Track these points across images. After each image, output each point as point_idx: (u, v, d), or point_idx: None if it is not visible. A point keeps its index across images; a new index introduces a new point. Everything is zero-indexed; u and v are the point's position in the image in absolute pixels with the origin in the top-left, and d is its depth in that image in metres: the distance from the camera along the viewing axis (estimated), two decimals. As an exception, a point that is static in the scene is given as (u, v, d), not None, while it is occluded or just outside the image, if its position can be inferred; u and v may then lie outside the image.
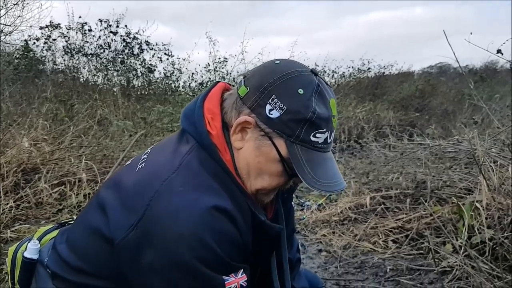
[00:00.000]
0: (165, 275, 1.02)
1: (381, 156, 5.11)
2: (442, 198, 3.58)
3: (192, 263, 0.99)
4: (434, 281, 2.72)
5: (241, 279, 1.05)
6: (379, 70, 12.15)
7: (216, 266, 1.02)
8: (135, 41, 9.47)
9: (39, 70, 8.65)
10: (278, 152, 1.10)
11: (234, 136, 1.14)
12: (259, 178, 1.15)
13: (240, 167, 1.15)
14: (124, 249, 1.05)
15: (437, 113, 10.04)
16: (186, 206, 1.02)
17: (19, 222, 3.93)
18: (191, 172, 1.10)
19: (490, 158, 3.34)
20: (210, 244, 1.00)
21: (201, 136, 1.14)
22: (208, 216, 1.02)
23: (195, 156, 1.13)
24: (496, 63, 14.76)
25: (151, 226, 1.02)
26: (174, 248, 1.00)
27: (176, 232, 1.00)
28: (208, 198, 1.04)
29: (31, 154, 4.70)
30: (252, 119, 1.10)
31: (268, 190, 1.18)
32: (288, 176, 1.15)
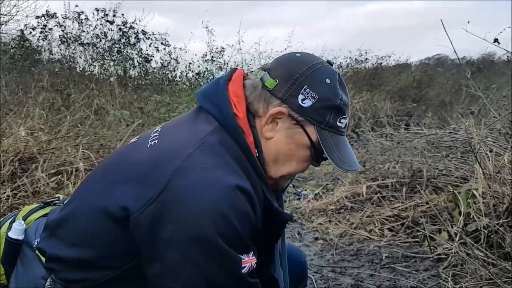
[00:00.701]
0: (184, 249, 1.02)
1: (377, 145, 5.13)
2: (438, 186, 3.60)
3: (214, 238, 1.00)
4: (430, 268, 2.75)
5: (253, 260, 1.08)
6: (377, 60, 12.13)
7: (235, 244, 1.03)
8: (131, 30, 9.42)
9: (36, 60, 8.61)
10: (310, 139, 1.18)
11: (265, 127, 1.19)
12: (287, 164, 1.23)
13: (267, 154, 1.21)
14: (142, 222, 1.04)
15: (434, 104, 10.04)
16: (210, 183, 1.04)
17: (16, 211, 3.93)
18: (215, 152, 1.11)
19: (486, 146, 3.35)
20: (232, 221, 1.02)
21: (226, 118, 1.16)
22: (232, 194, 1.04)
23: (218, 137, 1.14)
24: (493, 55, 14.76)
25: (173, 200, 1.03)
26: (197, 223, 1.01)
27: (200, 207, 1.01)
28: (231, 177, 1.06)
29: (28, 143, 4.68)
30: (285, 109, 1.17)
31: (291, 175, 1.27)
32: (313, 161, 1.24)
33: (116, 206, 1.08)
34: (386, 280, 2.66)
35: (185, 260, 1.02)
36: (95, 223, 1.13)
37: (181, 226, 1.02)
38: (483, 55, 14.19)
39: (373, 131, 5.93)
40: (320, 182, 4.76)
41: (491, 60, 14.68)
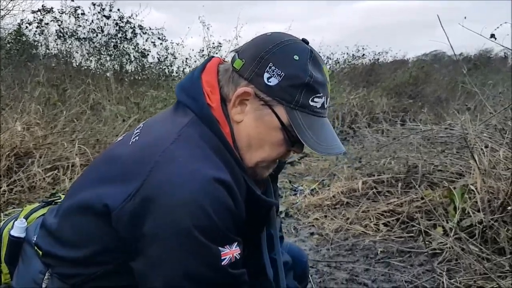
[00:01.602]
0: (163, 244, 1.02)
1: (373, 141, 5.14)
2: (433, 182, 3.61)
3: (191, 231, 1.00)
4: (424, 263, 2.76)
5: (235, 252, 1.06)
6: (374, 56, 12.15)
7: (214, 236, 1.02)
8: (128, 25, 9.40)
9: (32, 55, 8.57)
10: (279, 120, 1.12)
11: (233, 110, 1.15)
12: (260, 149, 1.17)
13: (240, 140, 1.16)
14: (123, 218, 1.05)
15: (430, 100, 10.07)
16: (187, 175, 1.03)
17: (13, 206, 3.92)
18: (191, 144, 1.10)
19: (482, 142, 3.37)
20: (210, 213, 1.01)
21: (201, 109, 1.14)
22: (209, 186, 1.02)
23: (194, 129, 1.13)
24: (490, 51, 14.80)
25: (151, 194, 1.02)
26: (174, 216, 1.00)
27: (177, 200, 1.00)
28: (208, 169, 1.05)
29: (24, 139, 4.68)
30: (250, 90, 1.12)
31: (268, 162, 1.20)
32: (289, 145, 1.16)
33: (99, 204, 1.08)
34: (381, 275, 2.67)
35: (164, 254, 1.03)
36: (85, 222, 1.14)
37: (159, 221, 1.02)
38: (480, 52, 14.22)
39: (370, 127, 5.94)
40: (316, 178, 4.77)
41: (487, 57, 14.72)
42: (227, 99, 1.16)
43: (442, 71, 12.38)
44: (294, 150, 1.20)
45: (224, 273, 1.05)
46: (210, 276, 1.04)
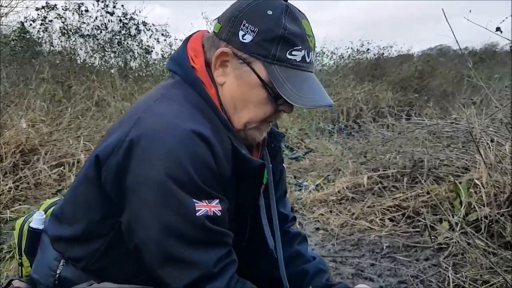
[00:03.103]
0: (141, 195, 1.06)
1: (378, 136, 5.12)
2: (439, 176, 3.60)
3: (165, 181, 1.02)
4: (430, 258, 2.75)
5: (215, 207, 1.07)
6: (379, 51, 12.08)
7: (188, 187, 1.04)
8: (132, 22, 9.40)
9: (36, 52, 8.59)
10: (258, 76, 1.13)
11: (216, 72, 1.17)
12: (245, 109, 1.17)
13: (225, 102, 1.18)
14: (109, 174, 1.09)
15: (436, 94, 10.02)
16: (165, 128, 1.06)
17: (19, 202, 3.94)
18: (173, 101, 1.14)
19: (488, 136, 3.34)
20: (184, 164, 1.03)
21: (186, 71, 1.18)
22: (186, 138, 1.05)
23: (178, 89, 1.17)
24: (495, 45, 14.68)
25: (131, 149, 1.06)
26: (150, 167, 1.04)
27: (154, 151, 1.04)
28: (187, 122, 1.07)
29: (29, 135, 4.69)
30: (228, 49, 1.14)
31: (257, 122, 1.20)
32: (273, 102, 1.16)
33: (92, 157, 1.14)
34: (386, 270, 2.66)
35: (142, 205, 1.06)
36: (81, 192, 1.20)
37: (138, 173, 1.05)
38: (485, 45, 14.12)
39: (375, 121, 5.92)
40: (321, 173, 4.76)
41: (493, 51, 14.61)
42: (211, 64, 1.18)
43: (448, 64, 12.31)
44: (283, 109, 1.19)
45: (200, 224, 1.05)
46: (186, 228, 1.05)
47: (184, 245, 1.05)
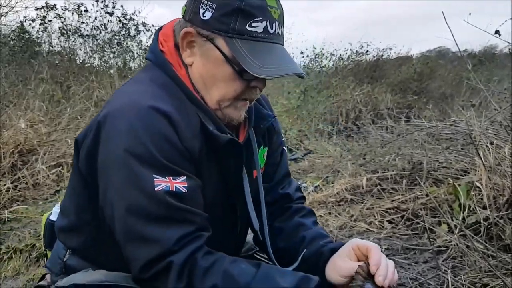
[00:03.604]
0: (107, 174, 1.09)
1: (378, 137, 5.11)
2: (438, 179, 3.59)
3: (125, 157, 1.04)
4: (429, 260, 2.75)
5: (179, 184, 1.07)
6: (378, 53, 12.06)
7: (148, 162, 1.05)
8: (131, 22, 9.38)
9: (35, 52, 8.57)
10: (221, 52, 1.12)
11: (184, 54, 1.19)
12: (214, 87, 1.17)
13: (196, 82, 1.19)
14: (82, 157, 1.15)
15: (434, 96, 10.01)
16: (126, 107, 1.09)
17: (17, 202, 3.94)
18: (139, 83, 1.18)
19: (487, 138, 3.34)
20: (143, 139, 1.04)
21: (156, 56, 1.21)
22: (145, 114, 1.06)
23: (146, 72, 1.21)
24: (495, 47, 14.68)
25: (98, 130, 1.10)
26: (113, 146, 1.06)
27: (116, 129, 1.07)
28: (148, 100, 1.09)
29: (28, 136, 4.69)
30: (191, 29, 1.15)
31: (229, 100, 1.18)
32: (241, 79, 1.14)
33: (74, 153, 1.21)
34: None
35: (109, 186, 1.09)
36: (70, 183, 1.26)
37: (104, 153, 1.09)
38: (484, 48, 14.13)
39: (374, 123, 5.92)
40: (320, 175, 4.75)
41: (492, 53, 14.61)
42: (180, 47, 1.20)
43: (447, 66, 12.30)
44: (255, 85, 1.18)
45: (159, 199, 1.04)
46: (146, 203, 1.04)
47: (145, 221, 1.05)
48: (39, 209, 3.84)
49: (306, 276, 1.10)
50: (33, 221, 3.59)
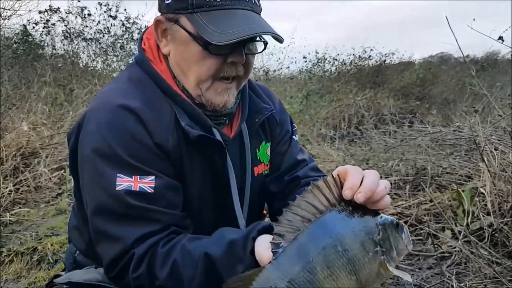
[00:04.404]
0: (81, 171, 1.13)
1: (381, 142, 5.10)
2: (442, 184, 3.57)
3: (92, 156, 1.07)
4: (433, 266, 2.73)
5: (145, 183, 1.06)
6: (380, 58, 12.06)
7: (112, 160, 1.06)
8: (134, 26, 9.41)
9: (38, 55, 8.59)
10: (186, 30, 1.11)
11: (161, 45, 1.19)
12: (190, 71, 1.15)
13: (175, 71, 1.18)
14: (68, 158, 1.23)
15: (437, 102, 9.99)
16: (97, 108, 1.12)
17: (19, 205, 3.93)
18: (116, 82, 1.22)
19: (491, 144, 3.33)
20: (108, 138, 1.06)
21: (138, 55, 1.23)
22: (112, 113, 1.08)
23: (126, 71, 1.24)
24: (497, 53, 14.68)
25: (79, 129, 1.14)
26: (84, 146, 1.11)
27: (86, 131, 1.11)
28: (117, 98, 1.11)
29: (30, 138, 4.69)
30: (160, 16, 1.16)
31: (207, 81, 1.15)
32: (211, 54, 1.11)
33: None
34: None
35: (83, 186, 1.13)
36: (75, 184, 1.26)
37: (79, 152, 1.13)
38: (487, 54, 14.12)
39: (376, 128, 5.90)
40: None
41: (495, 59, 14.60)
42: None
43: (450, 72, 12.30)
44: (233, 60, 1.13)
45: (120, 199, 1.04)
46: (109, 202, 1.06)
47: (108, 220, 1.06)
48: (41, 212, 3.83)
49: (243, 236, 1.01)
50: (34, 224, 3.58)
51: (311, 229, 0.86)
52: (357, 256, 0.84)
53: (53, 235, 3.32)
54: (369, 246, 0.85)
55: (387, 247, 0.86)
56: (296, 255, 0.84)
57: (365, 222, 0.87)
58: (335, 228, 0.85)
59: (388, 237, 0.87)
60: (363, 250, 0.85)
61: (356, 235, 0.85)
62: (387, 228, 0.88)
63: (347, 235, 0.85)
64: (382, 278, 0.87)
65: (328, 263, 0.83)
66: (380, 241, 0.86)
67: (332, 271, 0.83)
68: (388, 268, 0.85)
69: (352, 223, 0.87)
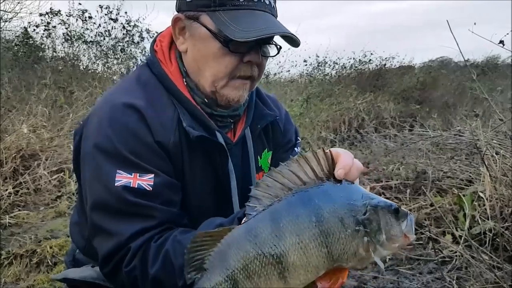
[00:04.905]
0: (82, 167, 1.14)
1: (381, 146, 5.09)
2: (442, 188, 3.57)
3: (93, 152, 1.09)
4: (434, 271, 2.72)
5: (144, 181, 1.07)
6: (380, 62, 12.07)
7: (112, 156, 1.07)
8: (135, 29, 9.42)
9: (39, 57, 8.59)
10: (206, 28, 1.12)
11: (177, 42, 1.20)
12: (207, 67, 1.15)
13: (190, 68, 1.19)
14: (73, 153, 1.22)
15: (437, 105, 9.99)
16: (101, 106, 1.14)
17: (18, 208, 3.92)
18: (123, 82, 1.23)
19: (492, 149, 3.32)
20: (109, 134, 1.08)
21: (149, 57, 1.24)
22: (115, 110, 1.10)
23: (135, 71, 1.25)
24: (497, 58, 14.69)
25: (83, 128, 1.17)
26: (86, 141, 1.12)
27: (90, 126, 1.13)
28: (121, 97, 1.13)
29: (30, 141, 4.68)
30: (179, 14, 1.17)
31: (223, 79, 1.15)
32: (230, 53, 1.12)
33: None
34: (389, 283, 2.63)
35: (84, 179, 1.14)
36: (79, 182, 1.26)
37: (82, 149, 1.14)
38: (487, 58, 14.13)
39: (377, 132, 5.90)
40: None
41: (495, 64, 14.61)
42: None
43: (450, 76, 12.30)
44: (249, 59, 1.14)
45: (118, 195, 1.05)
46: (107, 197, 1.07)
47: (105, 216, 1.07)
48: (40, 214, 3.82)
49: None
50: (34, 226, 3.57)
51: (290, 198, 0.85)
52: (331, 230, 0.82)
53: (52, 238, 3.31)
54: (348, 223, 0.83)
55: (373, 229, 0.83)
56: (268, 219, 0.83)
57: (351, 200, 0.85)
58: (315, 200, 0.84)
59: (378, 219, 0.83)
60: (340, 226, 0.83)
61: (335, 209, 0.84)
62: (379, 210, 0.84)
63: (326, 208, 0.83)
64: (362, 259, 0.84)
65: (298, 231, 0.82)
66: (364, 221, 0.83)
67: (301, 239, 0.82)
68: (370, 250, 0.83)
69: (335, 198, 0.85)
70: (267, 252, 0.82)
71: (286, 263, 0.82)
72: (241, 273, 0.83)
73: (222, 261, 0.83)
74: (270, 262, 0.82)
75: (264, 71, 1.24)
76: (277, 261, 0.82)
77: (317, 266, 0.82)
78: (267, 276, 0.82)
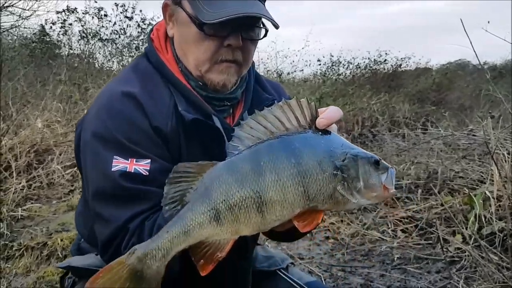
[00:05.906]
0: (82, 156, 1.15)
1: (393, 146, 5.06)
2: (453, 188, 3.53)
3: (91, 139, 1.11)
4: (442, 270, 2.70)
5: (140, 166, 1.09)
6: (396, 62, 11.94)
7: (109, 142, 1.09)
8: (150, 27, 9.46)
9: (55, 54, 8.70)
10: (186, 12, 1.13)
11: (167, 28, 1.22)
12: (189, 52, 1.17)
13: (179, 54, 1.21)
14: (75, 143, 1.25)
15: (453, 107, 9.87)
16: (100, 96, 1.18)
17: (31, 201, 3.97)
18: (122, 72, 1.26)
19: (505, 149, 3.28)
20: (106, 121, 1.09)
21: (147, 46, 1.25)
22: (113, 98, 1.12)
23: (134, 61, 1.27)
24: (515, 60, 14.45)
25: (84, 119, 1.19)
26: (85, 130, 1.14)
27: (88, 116, 1.16)
28: (119, 86, 1.15)
29: (44, 135, 4.74)
30: (167, 1, 1.18)
31: (206, 63, 1.15)
32: (207, 36, 1.12)
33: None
34: (396, 281, 2.61)
35: (84, 167, 1.15)
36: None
37: (81, 138, 1.16)
38: (506, 61, 13.93)
39: (390, 131, 5.86)
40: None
41: (513, 66, 14.37)
42: None
43: (466, 78, 12.15)
44: (229, 43, 1.13)
45: (114, 180, 1.06)
46: (104, 183, 1.08)
47: (102, 201, 1.09)
48: (52, 208, 3.87)
49: None
50: (45, 219, 3.62)
51: (272, 141, 0.90)
52: (309, 171, 0.87)
53: (63, 231, 3.35)
54: (326, 167, 0.87)
55: (351, 175, 0.87)
56: (249, 158, 0.89)
57: (330, 147, 0.89)
58: (295, 144, 0.89)
59: (356, 167, 0.88)
60: (318, 168, 0.87)
61: (314, 153, 0.88)
62: (358, 159, 0.89)
63: (305, 151, 0.88)
64: (338, 203, 0.88)
65: (277, 170, 0.87)
66: (342, 166, 0.88)
67: (279, 177, 0.87)
68: (346, 195, 0.87)
69: (315, 144, 0.90)
70: (247, 186, 0.88)
71: (264, 198, 0.87)
72: (223, 204, 0.88)
73: (205, 194, 0.89)
74: (250, 196, 0.87)
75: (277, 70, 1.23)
76: (256, 196, 0.87)
77: (292, 204, 0.87)
78: (246, 209, 0.88)
